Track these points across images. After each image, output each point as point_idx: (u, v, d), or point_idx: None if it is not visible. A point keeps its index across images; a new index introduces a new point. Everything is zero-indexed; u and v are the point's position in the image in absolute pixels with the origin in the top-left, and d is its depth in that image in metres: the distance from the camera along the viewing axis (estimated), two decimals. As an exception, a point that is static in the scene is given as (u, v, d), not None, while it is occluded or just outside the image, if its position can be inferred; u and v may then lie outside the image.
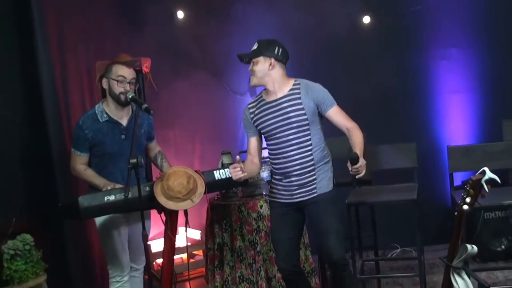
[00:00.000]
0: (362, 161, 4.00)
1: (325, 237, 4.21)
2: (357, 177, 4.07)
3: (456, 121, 6.59)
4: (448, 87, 6.62)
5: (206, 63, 6.82)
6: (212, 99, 6.87)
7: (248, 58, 4.31)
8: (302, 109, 4.20)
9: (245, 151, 5.79)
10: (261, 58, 4.25)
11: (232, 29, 6.75)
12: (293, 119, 4.20)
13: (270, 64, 4.25)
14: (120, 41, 6.47)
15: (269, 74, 4.26)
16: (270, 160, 4.41)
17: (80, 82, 5.89)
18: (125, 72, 4.53)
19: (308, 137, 4.24)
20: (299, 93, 4.24)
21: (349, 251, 4.42)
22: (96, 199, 4.22)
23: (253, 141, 4.49)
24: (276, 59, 4.26)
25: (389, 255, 6.44)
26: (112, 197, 4.24)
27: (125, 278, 4.71)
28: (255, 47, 4.29)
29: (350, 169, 3.99)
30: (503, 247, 5.87)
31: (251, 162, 4.47)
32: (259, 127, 4.37)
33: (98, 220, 4.61)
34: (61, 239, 5.20)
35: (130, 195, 4.18)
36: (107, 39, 6.38)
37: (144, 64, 5.81)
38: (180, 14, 6.76)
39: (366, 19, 6.65)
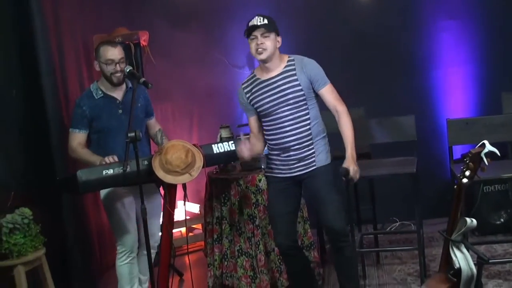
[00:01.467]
0: (353, 170, 4.08)
1: (325, 208, 4.23)
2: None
3: (455, 94, 6.56)
4: (447, 60, 6.58)
5: (204, 36, 6.78)
6: (210, 72, 6.83)
7: (263, 32, 4.19)
8: (299, 85, 4.20)
9: (244, 125, 5.79)
10: (273, 34, 4.22)
11: (232, 1, 6.69)
12: (290, 96, 4.20)
13: (278, 41, 4.26)
14: (117, 12, 6.42)
15: (275, 51, 4.25)
16: (266, 137, 4.41)
17: (77, 56, 5.85)
18: (112, 54, 4.54)
19: (306, 111, 4.23)
20: (294, 69, 4.24)
21: (348, 225, 4.40)
22: (95, 173, 4.21)
23: (253, 120, 4.48)
24: (280, 37, 4.28)
25: (388, 229, 6.45)
26: (110, 171, 4.23)
27: (133, 254, 4.71)
28: (265, 21, 4.20)
29: (344, 180, 4.07)
30: (502, 220, 5.87)
31: (257, 140, 4.47)
32: (255, 106, 4.35)
33: (103, 193, 4.61)
34: (58, 213, 5.19)
35: (128, 169, 4.16)
36: (103, 11, 6.33)
37: (142, 37, 5.76)
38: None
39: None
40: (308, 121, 4.23)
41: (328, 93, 4.23)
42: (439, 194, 6.36)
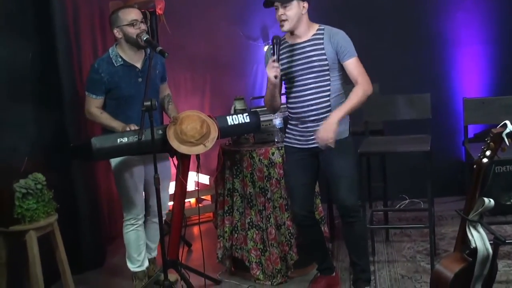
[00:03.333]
0: (320, 139, 4.03)
1: (338, 183, 4.22)
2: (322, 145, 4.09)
3: (471, 73, 6.51)
4: (464, 39, 6.52)
5: (219, 6, 6.71)
6: (224, 43, 6.79)
7: (282, 2, 4.11)
8: (324, 54, 4.14)
9: (258, 97, 5.78)
10: (294, 2, 4.11)
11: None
12: (315, 63, 4.15)
13: (303, 7, 4.16)
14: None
15: (301, 18, 4.17)
16: (287, 105, 4.36)
17: (93, 24, 5.82)
18: (135, 14, 4.51)
19: (328, 83, 4.19)
20: (322, 38, 4.18)
21: (359, 201, 4.39)
22: (109, 140, 4.21)
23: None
24: (308, 2, 4.18)
25: (397, 206, 6.44)
26: (125, 139, 4.23)
27: (140, 222, 4.73)
28: None
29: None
30: (512, 201, 5.87)
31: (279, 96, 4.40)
32: (281, 68, 4.26)
33: (114, 161, 4.61)
34: (70, 180, 5.20)
35: (143, 138, 4.15)
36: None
37: (158, 5, 5.71)
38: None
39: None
40: (328, 93, 4.18)
41: (352, 66, 4.15)
42: (450, 173, 6.37)
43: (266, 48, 6.52)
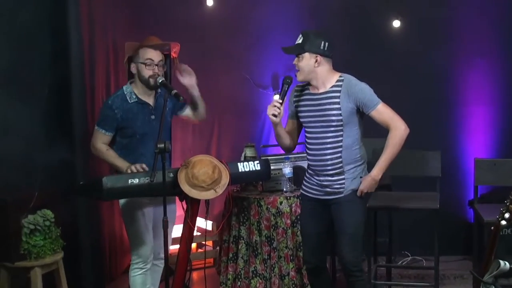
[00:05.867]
0: (367, 184, 4.15)
1: (340, 238, 4.20)
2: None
3: (482, 133, 6.52)
4: (475, 98, 6.53)
5: (231, 54, 6.74)
6: (234, 90, 6.80)
7: (292, 53, 4.17)
8: (339, 109, 4.10)
9: (268, 145, 5.78)
10: (306, 54, 4.11)
11: (260, 19, 6.68)
12: (332, 117, 4.12)
13: (316, 61, 4.11)
14: (146, 24, 6.41)
15: (314, 71, 4.13)
16: (307, 151, 4.32)
17: (107, 62, 5.85)
18: (152, 55, 4.56)
19: (340, 138, 4.16)
20: (339, 91, 4.12)
21: (362, 259, 4.34)
22: (120, 180, 4.19)
23: (289, 123, 4.43)
24: (323, 55, 4.12)
25: (400, 263, 6.39)
26: (136, 180, 4.21)
27: (148, 266, 4.65)
28: (299, 40, 4.14)
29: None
30: (515, 264, 5.81)
31: (286, 134, 4.37)
32: (298, 114, 4.30)
33: (122, 202, 4.57)
34: (74, 217, 5.15)
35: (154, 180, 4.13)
36: (134, 20, 6.32)
37: (173, 49, 5.71)
38: (210, 1, 6.67)
39: (396, 23, 6.56)
40: (340, 149, 4.15)
41: (378, 115, 4.09)
42: (454, 232, 6.34)
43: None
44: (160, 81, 4.48)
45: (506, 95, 6.50)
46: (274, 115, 4.12)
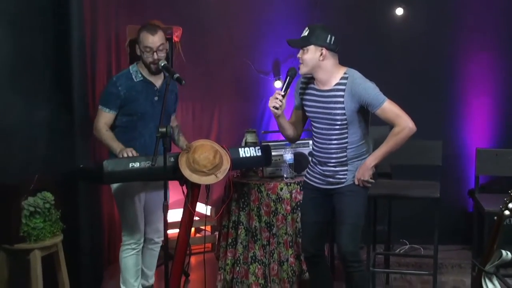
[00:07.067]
0: (360, 172, 4.11)
1: (340, 229, 4.17)
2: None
3: (484, 123, 6.52)
4: (479, 89, 6.53)
5: (232, 40, 6.73)
6: (236, 76, 6.80)
7: (297, 46, 4.11)
8: (343, 108, 4.05)
9: (269, 131, 5.77)
10: (311, 47, 4.04)
11: (261, 4, 6.68)
12: (337, 117, 4.08)
13: (321, 54, 4.04)
14: (148, 8, 6.38)
15: (319, 64, 4.06)
16: (313, 141, 4.30)
17: (109, 47, 5.83)
18: (150, 41, 4.49)
19: (345, 135, 4.13)
20: (343, 90, 4.05)
21: (361, 249, 4.34)
22: (121, 164, 4.20)
23: (295, 111, 4.38)
24: (328, 48, 4.05)
25: (397, 251, 6.39)
26: (137, 164, 4.22)
27: (139, 247, 4.68)
28: (305, 33, 4.08)
29: None
30: (517, 254, 5.81)
31: (290, 125, 4.32)
32: (304, 108, 4.27)
33: (114, 187, 4.58)
34: (74, 200, 5.14)
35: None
36: (136, 6, 6.30)
37: (175, 33, 5.71)
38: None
39: (399, 13, 6.54)
40: (346, 145, 4.13)
41: (384, 113, 4.02)
42: (453, 221, 6.35)
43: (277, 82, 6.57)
44: (162, 64, 4.47)
45: (508, 86, 6.50)
46: (276, 108, 4.09)
